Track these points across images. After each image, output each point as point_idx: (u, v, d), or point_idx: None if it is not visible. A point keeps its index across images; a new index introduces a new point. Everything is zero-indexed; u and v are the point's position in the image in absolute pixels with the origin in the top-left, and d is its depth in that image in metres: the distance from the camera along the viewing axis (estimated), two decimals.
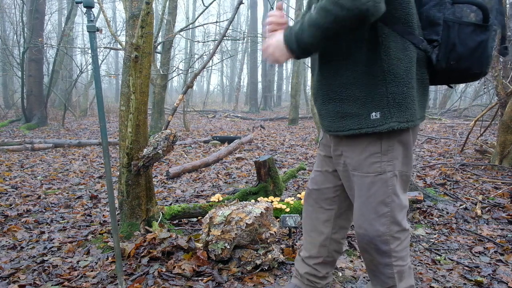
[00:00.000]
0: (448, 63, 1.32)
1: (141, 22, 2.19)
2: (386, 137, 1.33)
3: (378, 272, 1.45)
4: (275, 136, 9.62)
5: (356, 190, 1.41)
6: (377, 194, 1.36)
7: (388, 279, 1.44)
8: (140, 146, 2.41)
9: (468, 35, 1.29)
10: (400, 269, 1.43)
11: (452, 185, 3.99)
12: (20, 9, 10.36)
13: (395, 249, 1.40)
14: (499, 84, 4.98)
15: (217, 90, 36.34)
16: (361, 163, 1.37)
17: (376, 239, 1.38)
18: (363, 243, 1.43)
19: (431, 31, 1.31)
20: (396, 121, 1.29)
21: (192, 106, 16.38)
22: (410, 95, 1.31)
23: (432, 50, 1.32)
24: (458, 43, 1.29)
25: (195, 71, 4.14)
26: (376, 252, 1.41)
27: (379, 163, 1.35)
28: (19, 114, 11.30)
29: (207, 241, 2.17)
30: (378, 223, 1.37)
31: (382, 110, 1.29)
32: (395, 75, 1.28)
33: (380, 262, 1.42)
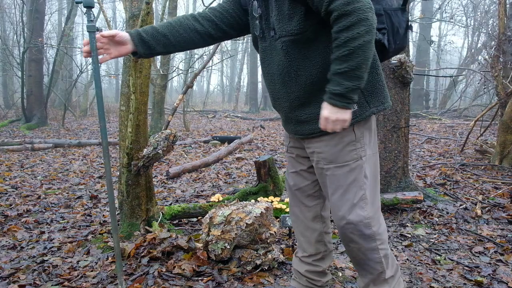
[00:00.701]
0: (396, 44, 1.51)
1: (141, 22, 2.19)
2: (357, 125, 1.43)
3: (366, 259, 1.49)
4: (275, 136, 9.62)
5: (333, 183, 1.46)
6: (355, 181, 1.43)
7: (376, 264, 1.48)
8: (140, 146, 2.41)
9: (400, 18, 1.50)
10: (385, 253, 1.49)
11: (452, 185, 3.99)
12: (20, 9, 10.36)
13: (378, 231, 1.46)
14: (499, 84, 4.98)
15: (217, 90, 36.35)
16: (337, 155, 1.44)
17: (359, 224, 1.43)
18: (348, 233, 1.46)
19: (378, 21, 1.38)
20: (374, 107, 1.44)
21: (192, 106, 16.38)
22: (379, 81, 1.46)
23: (383, 37, 1.46)
24: (398, 27, 1.49)
25: (195, 71, 4.13)
26: (361, 238, 1.45)
27: (355, 150, 1.43)
28: (19, 114, 11.30)
29: (207, 241, 2.17)
30: (357, 208, 1.43)
31: (358, 101, 1.40)
32: None
33: (367, 248, 1.46)
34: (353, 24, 1.20)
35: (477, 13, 16.67)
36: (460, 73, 14.25)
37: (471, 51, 15.55)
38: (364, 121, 1.44)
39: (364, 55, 1.23)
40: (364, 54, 1.23)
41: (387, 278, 1.50)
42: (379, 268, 1.49)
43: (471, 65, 14.64)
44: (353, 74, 1.24)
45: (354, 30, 1.20)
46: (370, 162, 1.48)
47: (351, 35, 1.21)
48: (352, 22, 1.20)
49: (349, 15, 1.20)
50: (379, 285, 1.51)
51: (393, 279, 1.52)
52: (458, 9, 18.21)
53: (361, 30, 1.20)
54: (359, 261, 1.52)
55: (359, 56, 1.22)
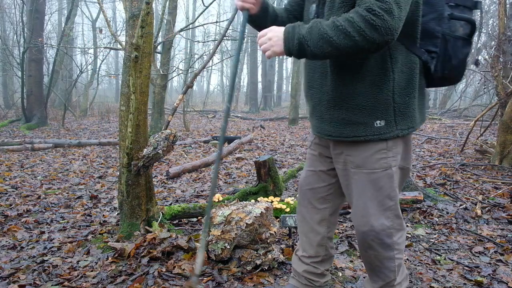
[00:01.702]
0: (443, 73, 1.42)
1: (141, 22, 2.19)
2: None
3: (382, 267, 1.49)
4: (275, 136, 9.62)
5: (359, 188, 1.44)
6: (383, 189, 1.41)
7: (390, 272, 1.49)
8: (140, 146, 2.41)
9: (459, 48, 1.40)
10: (400, 262, 1.50)
11: (452, 185, 3.99)
12: (20, 9, 10.36)
13: (397, 241, 1.46)
14: (499, 84, 4.98)
15: (217, 90, 36.33)
16: (366, 161, 1.41)
17: (381, 234, 1.43)
18: (368, 240, 1.45)
19: (430, 42, 1.39)
20: (400, 129, 1.39)
21: (192, 106, 16.38)
22: (412, 104, 1.40)
23: (431, 60, 1.40)
24: (453, 56, 1.40)
25: (195, 71, 4.13)
26: (381, 247, 1.45)
27: (385, 159, 1.40)
28: (19, 114, 11.29)
29: (207, 241, 2.17)
30: (383, 217, 1.42)
31: (387, 118, 1.37)
32: (401, 86, 1.36)
33: (384, 256, 1.46)
34: (367, 22, 1.17)
35: (477, 13, 16.62)
36: None
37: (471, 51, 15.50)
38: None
39: (341, 46, 1.21)
40: (343, 45, 1.21)
41: (395, 285, 1.52)
42: (392, 276, 1.50)
43: (471, 65, 14.63)
44: (319, 42, 1.23)
45: (362, 27, 1.18)
46: (400, 174, 1.47)
47: (356, 27, 1.18)
48: (368, 20, 1.17)
49: (374, 15, 1.17)
50: None
51: (400, 286, 1.53)
52: None
53: (366, 33, 1.18)
54: (374, 267, 1.52)
55: (339, 41, 1.21)
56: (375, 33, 1.17)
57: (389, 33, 1.18)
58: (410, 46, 1.37)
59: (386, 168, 1.40)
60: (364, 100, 1.37)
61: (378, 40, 1.19)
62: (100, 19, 19.33)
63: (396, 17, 1.18)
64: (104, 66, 24.22)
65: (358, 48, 1.20)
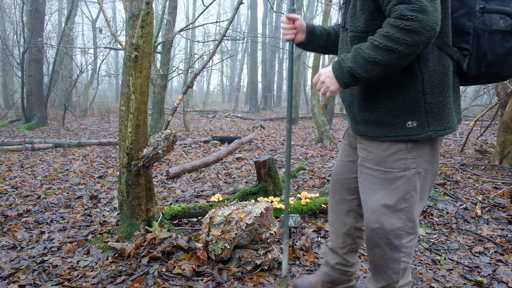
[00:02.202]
0: (478, 70, 1.37)
1: (141, 22, 2.19)
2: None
3: (386, 267, 1.48)
4: (275, 136, 9.62)
5: (374, 185, 1.44)
6: (398, 190, 1.40)
7: (394, 274, 1.48)
8: (140, 146, 2.41)
9: (497, 42, 1.32)
10: (406, 266, 1.48)
11: (452, 185, 3.99)
12: (20, 9, 10.36)
13: (406, 245, 1.44)
14: (499, 84, 4.98)
15: (217, 90, 36.34)
16: (385, 160, 1.41)
17: (390, 234, 1.42)
18: (376, 237, 1.45)
19: (461, 39, 1.34)
20: (433, 130, 1.36)
21: (192, 106, 16.38)
22: (447, 104, 1.36)
23: (463, 59, 1.36)
24: (489, 51, 1.33)
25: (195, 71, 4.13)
26: (388, 247, 1.44)
27: (404, 160, 1.39)
28: (19, 114, 11.29)
29: (207, 241, 2.17)
30: (395, 218, 1.41)
31: (419, 119, 1.35)
32: (432, 86, 1.34)
33: (390, 257, 1.45)
34: (402, 30, 1.18)
35: None
36: None
37: None
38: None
39: (389, 61, 1.23)
40: (389, 59, 1.23)
41: (397, 287, 1.51)
42: (395, 278, 1.49)
43: None
44: (367, 66, 1.26)
45: (400, 37, 1.19)
46: (424, 178, 1.43)
47: (395, 38, 1.20)
48: (403, 28, 1.18)
49: (407, 20, 1.17)
50: None
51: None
52: None
53: (406, 40, 1.18)
54: (378, 266, 1.52)
55: (384, 57, 1.22)
56: (415, 36, 1.17)
57: (429, 29, 1.17)
58: (442, 45, 1.33)
59: (404, 169, 1.39)
60: (391, 101, 1.37)
61: (421, 40, 1.18)
62: (100, 19, 19.34)
63: (431, 11, 1.16)
64: (104, 66, 24.23)
65: (405, 56, 1.22)
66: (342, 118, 13.59)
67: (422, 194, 1.45)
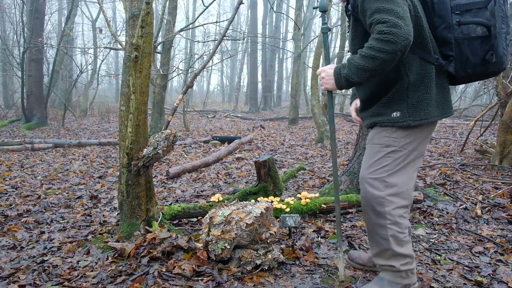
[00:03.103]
0: (466, 72, 1.69)
1: (141, 22, 2.19)
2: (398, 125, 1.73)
3: (374, 232, 1.76)
4: (275, 136, 9.62)
5: (365, 158, 1.79)
6: (378, 161, 1.72)
7: (382, 240, 1.73)
8: (140, 146, 2.41)
9: (477, 46, 1.63)
10: (395, 233, 1.71)
11: (452, 185, 3.99)
12: (20, 9, 10.36)
13: (390, 212, 1.70)
14: (499, 84, 4.98)
15: (217, 90, 36.33)
16: (374, 137, 1.78)
17: (373, 201, 1.72)
18: (363, 204, 1.78)
19: (447, 48, 1.68)
20: (412, 120, 1.68)
21: (192, 106, 16.38)
22: (425, 99, 1.67)
23: (448, 64, 1.69)
24: (470, 55, 1.64)
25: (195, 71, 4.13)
26: (373, 213, 1.74)
27: (388, 138, 1.72)
28: (19, 114, 11.29)
29: (207, 241, 2.17)
30: (376, 187, 1.71)
31: (402, 110, 1.69)
32: (415, 85, 1.67)
33: (375, 222, 1.74)
34: (382, 41, 1.49)
35: None
36: None
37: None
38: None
39: (374, 67, 1.55)
40: (374, 66, 1.54)
41: (396, 254, 1.73)
42: (384, 244, 1.73)
43: None
44: (358, 72, 1.60)
45: (380, 47, 1.50)
46: (406, 156, 1.72)
47: (376, 48, 1.51)
48: (382, 39, 1.49)
49: (384, 34, 1.49)
50: (388, 259, 1.76)
51: (403, 258, 1.74)
52: None
53: (386, 49, 1.49)
54: (369, 231, 1.80)
55: (371, 64, 1.55)
56: (392, 45, 1.49)
57: (403, 39, 1.48)
58: (422, 54, 1.66)
59: (387, 146, 1.72)
60: (385, 98, 1.72)
61: (398, 48, 1.49)
62: (100, 19, 19.34)
63: (403, 26, 1.48)
64: (104, 66, 24.24)
65: (386, 61, 1.53)
66: (342, 118, 13.59)
67: (404, 170, 1.73)
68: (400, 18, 1.49)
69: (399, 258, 1.74)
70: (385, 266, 1.78)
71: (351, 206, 3.15)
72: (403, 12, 1.51)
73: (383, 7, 1.52)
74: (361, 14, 1.64)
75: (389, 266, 1.77)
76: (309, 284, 1.99)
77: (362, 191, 1.78)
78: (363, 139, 3.52)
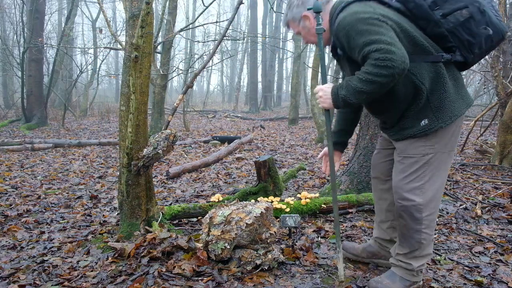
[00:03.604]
0: (473, 53, 1.71)
1: (141, 22, 2.19)
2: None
3: (409, 236, 1.81)
4: (275, 136, 9.63)
5: (400, 168, 1.80)
6: (417, 171, 1.75)
7: (416, 243, 1.80)
8: (140, 146, 2.41)
9: (472, 26, 1.65)
10: (426, 237, 1.79)
11: (452, 185, 3.99)
12: (20, 9, 10.36)
13: (427, 218, 1.77)
14: (499, 84, 4.98)
15: (217, 90, 36.33)
16: (408, 148, 1.78)
17: (411, 208, 1.76)
18: (400, 210, 1.80)
19: (445, 41, 1.70)
20: (442, 122, 1.70)
21: (192, 106, 16.38)
22: (446, 98, 1.70)
23: (454, 55, 1.71)
24: (470, 37, 1.67)
25: (195, 71, 4.13)
26: (410, 219, 1.78)
27: (423, 147, 1.74)
28: (19, 114, 11.29)
29: (207, 241, 2.17)
30: (412, 194, 1.75)
31: (428, 117, 1.71)
32: (432, 89, 1.70)
33: (412, 227, 1.79)
34: (379, 66, 1.54)
35: None
36: None
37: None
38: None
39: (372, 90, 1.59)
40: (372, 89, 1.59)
41: (421, 255, 1.82)
42: (416, 246, 1.80)
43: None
44: (356, 95, 1.64)
45: (378, 72, 1.55)
46: (440, 159, 1.76)
47: (374, 73, 1.55)
48: (379, 65, 1.54)
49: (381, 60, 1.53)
50: (410, 258, 1.83)
51: (423, 259, 1.83)
52: None
53: (383, 73, 1.54)
54: (403, 234, 1.84)
55: (369, 87, 1.59)
56: (390, 69, 1.53)
57: (400, 63, 1.52)
58: (426, 59, 1.68)
59: (423, 155, 1.74)
60: (409, 112, 1.74)
61: (395, 72, 1.53)
62: (100, 19, 19.34)
63: (397, 51, 1.53)
64: (104, 66, 24.23)
65: (384, 84, 1.57)
66: None
67: (439, 173, 1.77)
68: (391, 44, 1.54)
69: (421, 259, 1.83)
70: (403, 263, 1.85)
71: (351, 206, 3.15)
72: (391, 38, 1.56)
73: (370, 39, 1.57)
74: (352, 53, 1.69)
75: (406, 264, 1.84)
76: (309, 284, 1.99)
77: (398, 199, 1.79)
78: (363, 139, 3.52)
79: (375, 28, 1.58)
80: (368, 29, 1.58)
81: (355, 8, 1.66)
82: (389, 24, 1.61)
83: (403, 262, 1.86)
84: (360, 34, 1.59)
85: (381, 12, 1.64)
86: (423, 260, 1.85)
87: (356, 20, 1.62)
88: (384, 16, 1.63)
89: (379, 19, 1.60)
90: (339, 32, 1.69)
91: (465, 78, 15.33)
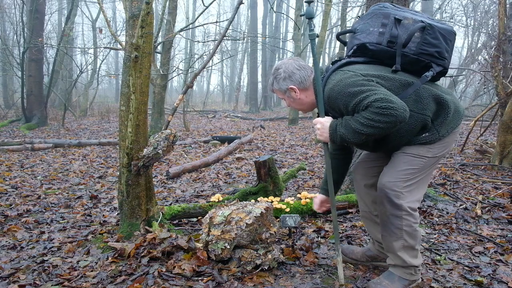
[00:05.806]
0: (446, 58, 1.83)
1: (141, 22, 2.19)
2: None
3: (388, 222, 1.82)
4: (275, 136, 9.62)
5: (392, 161, 1.86)
6: (409, 168, 1.81)
7: (396, 229, 1.81)
8: (140, 146, 2.41)
9: (430, 38, 1.76)
10: (408, 223, 1.80)
11: (452, 185, 3.98)
12: (20, 9, 10.36)
13: (406, 206, 1.78)
14: (499, 84, 4.98)
15: (217, 90, 36.32)
16: (409, 147, 1.84)
17: (390, 193, 1.79)
18: (380, 195, 1.83)
19: (419, 63, 1.80)
20: (441, 135, 1.81)
21: (192, 106, 16.38)
22: (447, 117, 1.80)
23: (434, 69, 1.80)
24: (434, 47, 1.77)
25: (195, 71, 4.13)
26: (388, 204, 1.80)
27: (424, 149, 1.81)
28: (19, 114, 11.29)
29: (207, 241, 2.17)
30: (394, 183, 1.79)
31: (429, 131, 1.81)
32: (434, 113, 1.81)
33: (391, 213, 1.80)
34: (382, 114, 1.59)
35: (477, 13, 16.65)
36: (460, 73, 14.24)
37: (471, 51, 15.53)
38: None
39: (372, 132, 1.64)
40: (372, 132, 1.64)
41: (407, 246, 1.82)
42: (398, 233, 1.81)
43: (471, 65, 14.64)
44: (355, 135, 1.68)
45: (381, 119, 1.61)
46: (436, 161, 1.87)
47: (377, 120, 1.61)
48: (382, 113, 1.59)
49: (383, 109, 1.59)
50: (399, 250, 1.82)
51: (411, 251, 1.83)
52: (458, 9, 18.22)
53: (385, 121, 1.60)
54: (383, 222, 1.86)
55: (369, 130, 1.64)
56: (393, 117, 1.59)
57: (402, 111, 1.59)
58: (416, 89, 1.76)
59: (421, 156, 1.81)
60: (415, 139, 1.82)
61: (397, 120, 1.60)
62: (100, 19, 19.32)
63: (395, 100, 1.60)
64: (104, 66, 24.23)
65: (385, 129, 1.64)
66: None
67: (430, 171, 1.88)
68: (388, 95, 1.62)
69: (409, 250, 1.83)
70: (396, 260, 1.86)
71: (351, 206, 3.15)
72: (385, 91, 1.65)
73: (366, 95, 1.64)
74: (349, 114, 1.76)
75: (400, 260, 1.84)
76: (309, 284, 1.99)
77: (380, 184, 1.83)
78: None
79: (365, 87, 1.67)
80: (360, 90, 1.67)
81: (338, 77, 1.77)
82: (375, 81, 1.71)
83: (396, 257, 1.86)
84: (354, 95, 1.68)
85: (361, 72, 1.74)
86: (413, 252, 1.84)
87: (344, 86, 1.71)
88: (367, 75, 1.73)
89: (365, 79, 1.70)
90: (332, 103, 1.79)
91: (465, 78, 15.35)
